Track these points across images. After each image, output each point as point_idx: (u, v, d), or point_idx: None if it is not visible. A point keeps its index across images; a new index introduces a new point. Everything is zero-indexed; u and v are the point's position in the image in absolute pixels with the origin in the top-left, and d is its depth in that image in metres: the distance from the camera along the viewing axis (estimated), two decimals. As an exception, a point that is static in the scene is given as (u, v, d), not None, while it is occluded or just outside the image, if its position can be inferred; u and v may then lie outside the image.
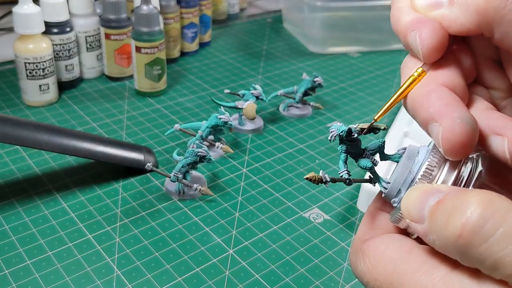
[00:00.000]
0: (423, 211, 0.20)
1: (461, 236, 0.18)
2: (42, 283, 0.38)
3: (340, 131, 0.24)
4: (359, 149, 0.25)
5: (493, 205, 0.18)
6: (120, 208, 0.46)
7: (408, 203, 0.21)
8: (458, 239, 0.18)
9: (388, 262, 0.22)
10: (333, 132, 0.24)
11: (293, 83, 0.71)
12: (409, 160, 0.23)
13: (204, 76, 0.73)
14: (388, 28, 0.88)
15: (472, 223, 0.18)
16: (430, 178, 0.22)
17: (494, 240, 0.17)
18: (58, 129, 0.48)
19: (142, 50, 0.62)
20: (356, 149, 0.25)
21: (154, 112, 0.62)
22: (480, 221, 0.18)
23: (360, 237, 0.24)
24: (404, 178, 0.23)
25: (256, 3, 1.06)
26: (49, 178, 0.49)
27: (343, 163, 0.25)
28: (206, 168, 0.52)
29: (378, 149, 0.25)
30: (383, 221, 0.25)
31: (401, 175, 0.23)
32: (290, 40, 0.87)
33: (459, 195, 0.19)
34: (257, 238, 0.43)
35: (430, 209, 0.20)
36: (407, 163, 0.23)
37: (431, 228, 0.20)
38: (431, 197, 0.20)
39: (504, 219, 0.17)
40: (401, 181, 0.23)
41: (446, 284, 0.19)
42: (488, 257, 0.17)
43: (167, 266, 0.40)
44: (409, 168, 0.23)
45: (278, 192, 0.49)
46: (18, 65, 0.59)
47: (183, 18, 0.75)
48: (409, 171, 0.23)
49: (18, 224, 0.43)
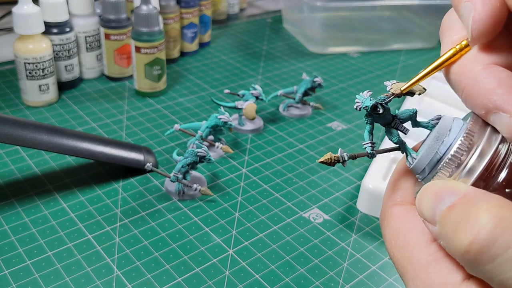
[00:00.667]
0: (435, 214, 0.19)
1: (468, 252, 0.17)
2: (42, 283, 0.38)
3: (365, 105, 0.22)
4: (387, 119, 0.23)
5: (503, 223, 0.17)
6: (120, 208, 0.46)
7: (422, 202, 0.20)
8: (465, 254, 0.18)
9: (406, 247, 0.21)
10: (358, 104, 0.23)
11: (293, 83, 0.71)
12: (438, 138, 0.21)
13: (204, 76, 0.73)
14: (388, 28, 0.88)
15: (480, 242, 0.17)
16: (458, 163, 0.20)
17: (502, 260, 0.17)
18: (58, 129, 0.48)
19: (142, 50, 0.62)
20: (384, 119, 0.23)
21: (154, 112, 0.62)
22: (488, 240, 0.17)
23: (386, 202, 0.23)
24: (431, 157, 0.21)
25: (256, 3, 1.06)
26: (49, 178, 0.49)
27: (368, 134, 0.23)
28: (206, 168, 0.52)
29: (409, 119, 0.23)
30: (409, 184, 0.24)
31: (428, 153, 0.21)
32: (290, 40, 0.87)
33: (471, 204, 0.18)
34: (257, 238, 0.43)
35: (442, 214, 0.19)
36: (436, 141, 0.21)
37: (441, 234, 0.19)
38: (443, 199, 0.19)
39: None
40: (427, 160, 0.21)
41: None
42: (495, 276, 0.17)
43: (167, 266, 0.40)
44: (437, 148, 0.21)
45: (278, 192, 0.49)
46: (17, 65, 0.59)
47: (183, 18, 0.75)
48: (436, 151, 0.21)
49: (18, 224, 0.43)
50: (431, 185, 0.20)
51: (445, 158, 0.21)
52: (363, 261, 0.42)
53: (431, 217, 0.19)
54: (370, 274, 0.41)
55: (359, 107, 0.23)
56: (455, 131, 0.21)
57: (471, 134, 0.20)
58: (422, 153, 0.22)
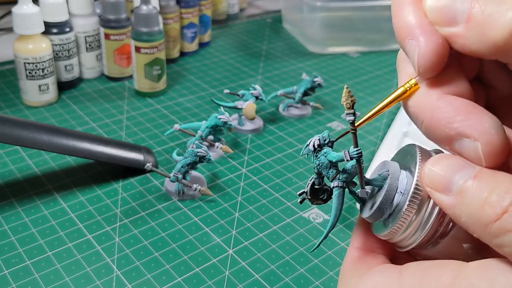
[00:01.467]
0: (451, 183, 0.19)
1: (497, 220, 0.18)
2: (41, 283, 0.38)
3: (303, 191, 0.24)
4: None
5: None
6: (119, 208, 0.46)
7: (434, 171, 0.20)
8: (493, 223, 0.18)
9: None
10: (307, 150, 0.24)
11: (292, 83, 0.71)
12: (393, 181, 0.22)
13: (203, 76, 0.73)
14: (388, 28, 0.88)
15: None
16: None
17: None
18: (57, 129, 0.48)
19: (142, 50, 0.62)
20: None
21: (153, 112, 0.62)
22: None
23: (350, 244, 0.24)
24: (392, 196, 0.22)
25: (256, 3, 1.06)
26: (48, 178, 0.49)
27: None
28: (205, 168, 0.52)
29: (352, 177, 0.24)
30: (368, 260, 0.24)
31: (387, 196, 0.22)
32: (290, 40, 0.87)
33: (498, 175, 0.19)
34: (257, 238, 0.43)
35: (464, 185, 0.19)
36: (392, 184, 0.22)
37: (461, 204, 0.19)
38: (462, 170, 0.19)
39: None
40: (387, 204, 0.22)
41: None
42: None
43: (167, 266, 0.40)
44: (395, 189, 0.22)
45: (277, 192, 0.49)
46: (17, 65, 0.59)
47: (182, 18, 0.75)
48: (396, 192, 0.22)
49: (18, 224, 0.43)
50: (442, 157, 0.20)
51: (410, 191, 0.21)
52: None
53: (445, 186, 0.20)
54: (370, 274, 0.41)
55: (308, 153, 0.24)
56: (404, 172, 0.22)
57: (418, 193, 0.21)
58: (381, 197, 0.22)
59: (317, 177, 0.24)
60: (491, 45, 0.19)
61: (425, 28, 0.20)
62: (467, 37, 0.19)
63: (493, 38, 0.19)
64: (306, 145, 0.24)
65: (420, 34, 0.20)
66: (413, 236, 0.22)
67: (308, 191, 0.24)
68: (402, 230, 0.22)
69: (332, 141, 0.24)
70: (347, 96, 0.22)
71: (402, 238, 0.22)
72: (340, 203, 0.24)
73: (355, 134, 0.22)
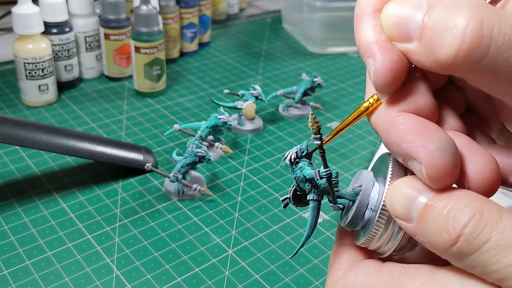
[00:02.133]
0: (411, 210, 0.20)
1: (454, 245, 0.18)
2: (41, 284, 0.38)
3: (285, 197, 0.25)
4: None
5: (484, 214, 0.18)
6: (119, 208, 0.46)
7: (394, 201, 0.20)
8: (450, 247, 0.18)
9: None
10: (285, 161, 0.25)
11: (292, 83, 0.71)
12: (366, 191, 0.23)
13: (203, 76, 0.73)
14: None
15: (466, 234, 0.18)
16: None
17: (485, 249, 0.18)
18: (57, 129, 0.48)
19: (142, 50, 0.62)
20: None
21: (153, 112, 0.62)
22: (474, 232, 0.18)
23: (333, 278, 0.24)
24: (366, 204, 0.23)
25: (256, 3, 1.06)
26: (48, 178, 0.49)
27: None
28: (205, 168, 0.52)
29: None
30: (348, 256, 0.25)
31: (358, 212, 0.23)
32: (290, 40, 0.87)
33: (450, 200, 0.19)
34: (257, 238, 0.43)
35: (420, 212, 0.19)
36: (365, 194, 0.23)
37: (421, 231, 0.19)
38: (418, 197, 0.20)
39: (495, 227, 0.18)
40: (358, 219, 0.23)
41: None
42: (479, 264, 0.18)
43: (167, 266, 0.40)
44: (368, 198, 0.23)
45: (277, 192, 0.49)
46: (17, 65, 0.59)
47: (182, 18, 0.75)
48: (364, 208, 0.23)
49: (18, 225, 0.43)
50: (400, 184, 0.20)
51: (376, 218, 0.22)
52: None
53: (405, 215, 0.20)
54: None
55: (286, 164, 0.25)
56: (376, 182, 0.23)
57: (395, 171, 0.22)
58: (358, 201, 0.23)
59: (297, 186, 0.25)
60: (441, 64, 0.18)
61: (381, 45, 0.20)
62: (420, 54, 0.19)
63: (441, 58, 0.18)
64: (284, 157, 0.25)
65: (377, 51, 0.20)
66: (387, 245, 0.22)
67: (291, 196, 0.25)
68: (374, 242, 0.22)
69: (310, 152, 0.24)
70: (312, 122, 0.22)
71: (377, 247, 0.23)
72: (315, 215, 0.25)
73: (323, 156, 0.23)
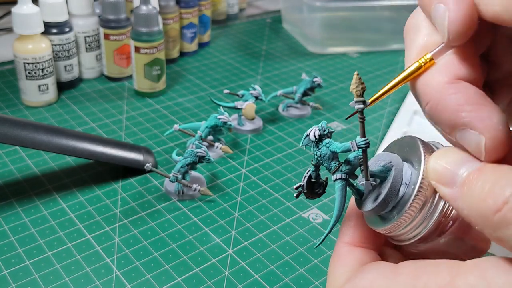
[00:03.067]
0: (456, 176, 0.19)
1: (498, 211, 0.18)
2: (41, 284, 0.38)
3: (299, 185, 0.23)
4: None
5: None
6: (119, 208, 0.46)
7: (438, 164, 0.20)
8: (494, 214, 0.18)
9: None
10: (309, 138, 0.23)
11: (292, 83, 0.71)
12: (398, 174, 0.22)
13: (203, 77, 0.73)
14: (388, 28, 0.88)
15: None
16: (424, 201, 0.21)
17: None
18: (57, 129, 0.48)
19: (141, 50, 0.62)
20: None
21: (153, 112, 0.62)
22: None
23: (338, 239, 0.24)
24: (398, 188, 0.21)
25: (256, 4, 1.06)
26: (48, 178, 0.49)
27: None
28: (205, 168, 0.52)
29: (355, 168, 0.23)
30: (352, 257, 0.24)
31: (393, 188, 0.22)
32: (290, 40, 0.87)
33: (501, 168, 0.18)
34: (257, 239, 0.43)
35: (468, 176, 0.19)
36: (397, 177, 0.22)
37: (464, 196, 0.19)
38: (467, 163, 0.19)
39: None
40: (393, 196, 0.22)
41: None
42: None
43: (167, 266, 0.40)
44: (400, 181, 0.21)
45: (277, 192, 0.49)
46: (17, 66, 0.59)
47: (182, 19, 0.75)
48: (401, 183, 0.21)
49: (18, 225, 0.43)
50: (448, 150, 0.20)
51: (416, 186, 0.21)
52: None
53: (450, 179, 0.19)
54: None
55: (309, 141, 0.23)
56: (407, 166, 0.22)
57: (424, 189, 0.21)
58: (386, 188, 0.22)
59: (314, 170, 0.23)
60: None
61: None
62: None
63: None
64: (305, 135, 0.23)
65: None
66: (416, 230, 0.21)
67: (305, 184, 0.23)
68: (407, 223, 0.21)
69: (331, 131, 0.23)
70: (357, 83, 0.21)
71: (404, 231, 0.22)
72: (343, 196, 0.23)
73: (363, 123, 0.21)
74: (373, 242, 0.24)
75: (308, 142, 0.23)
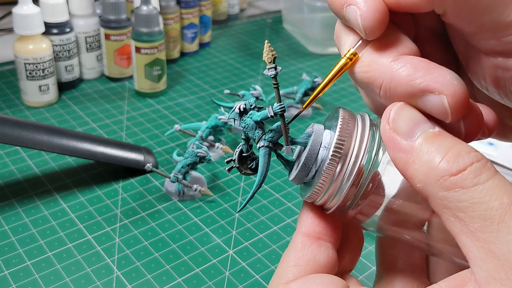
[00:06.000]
0: (415, 130, 0.20)
1: (452, 175, 0.18)
2: (42, 284, 0.38)
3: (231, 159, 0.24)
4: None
5: (487, 165, 0.18)
6: (120, 208, 0.46)
7: (400, 116, 0.20)
8: (447, 177, 0.18)
9: None
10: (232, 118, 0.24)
11: (293, 83, 0.71)
12: (317, 139, 0.22)
13: (204, 77, 0.73)
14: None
15: (469, 171, 0.18)
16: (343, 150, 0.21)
17: (481, 188, 0.18)
18: (58, 129, 0.48)
19: (142, 50, 0.62)
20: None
21: (154, 112, 0.62)
22: (477, 171, 0.18)
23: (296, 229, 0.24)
24: (316, 154, 0.22)
25: (256, 4, 1.06)
26: (49, 178, 0.49)
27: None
28: (206, 168, 0.52)
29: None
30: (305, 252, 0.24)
31: (311, 151, 0.22)
32: (290, 41, 0.87)
33: (458, 141, 0.19)
34: (257, 239, 0.43)
35: (427, 135, 0.19)
36: (316, 141, 0.22)
37: (421, 152, 0.19)
38: (427, 122, 0.20)
39: (494, 175, 0.18)
40: (312, 159, 0.22)
41: None
42: (467, 199, 0.18)
43: (167, 266, 0.40)
44: (319, 144, 0.22)
45: (278, 192, 0.49)
46: (18, 66, 0.59)
47: (183, 19, 0.75)
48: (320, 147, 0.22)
49: (18, 225, 0.43)
50: (407, 107, 0.20)
51: (332, 147, 0.21)
52: (363, 261, 0.42)
53: (408, 132, 0.20)
54: (370, 274, 0.41)
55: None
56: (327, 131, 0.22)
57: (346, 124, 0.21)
58: (305, 154, 0.22)
59: (245, 144, 0.24)
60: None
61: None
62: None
63: None
64: (232, 110, 0.23)
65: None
66: (337, 194, 0.22)
67: (236, 158, 0.24)
68: (327, 185, 0.21)
69: (259, 107, 0.23)
70: (268, 50, 0.21)
71: (328, 196, 0.22)
72: (266, 162, 0.24)
73: (277, 89, 0.22)
74: (331, 235, 0.24)
75: (234, 115, 0.23)
